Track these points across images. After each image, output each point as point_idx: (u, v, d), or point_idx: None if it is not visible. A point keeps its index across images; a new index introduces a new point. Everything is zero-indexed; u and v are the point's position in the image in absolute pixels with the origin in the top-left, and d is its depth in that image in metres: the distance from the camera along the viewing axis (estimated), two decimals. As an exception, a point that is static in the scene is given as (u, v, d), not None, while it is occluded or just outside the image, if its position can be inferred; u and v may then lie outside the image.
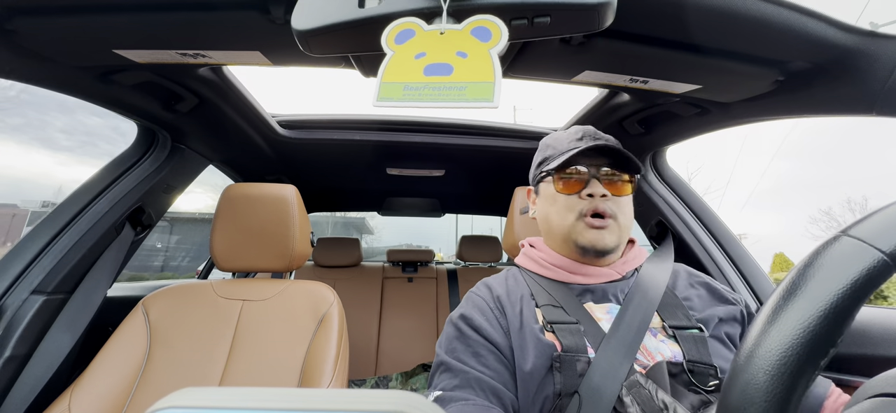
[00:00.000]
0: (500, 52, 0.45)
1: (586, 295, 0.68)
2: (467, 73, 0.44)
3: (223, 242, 1.05)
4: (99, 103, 0.97)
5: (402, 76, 0.45)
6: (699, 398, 0.52)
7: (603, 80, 0.87)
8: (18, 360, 0.86)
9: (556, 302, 0.67)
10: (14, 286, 0.90)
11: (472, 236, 2.49)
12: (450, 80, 0.44)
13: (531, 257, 0.77)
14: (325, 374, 0.87)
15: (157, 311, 0.97)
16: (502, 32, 0.46)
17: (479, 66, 0.45)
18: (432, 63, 0.45)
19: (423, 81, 0.45)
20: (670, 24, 0.66)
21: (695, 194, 1.30)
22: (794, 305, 0.26)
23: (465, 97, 0.43)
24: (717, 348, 0.60)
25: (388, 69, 0.46)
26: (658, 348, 0.59)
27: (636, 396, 0.52)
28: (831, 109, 0.78)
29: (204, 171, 1.38)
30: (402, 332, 2.14)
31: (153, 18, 0.69)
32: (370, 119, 1.44)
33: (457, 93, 0.43)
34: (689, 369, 0.55)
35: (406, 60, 0.46)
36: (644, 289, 0.66)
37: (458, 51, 0.46)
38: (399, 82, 0.45)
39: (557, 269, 0.72)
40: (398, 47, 0.47)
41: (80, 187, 1.05)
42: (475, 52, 0.45)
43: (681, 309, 0.64)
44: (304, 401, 0.18)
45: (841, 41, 0.64)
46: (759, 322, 0.27)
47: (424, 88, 0.44)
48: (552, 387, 0.57)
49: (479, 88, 0.43)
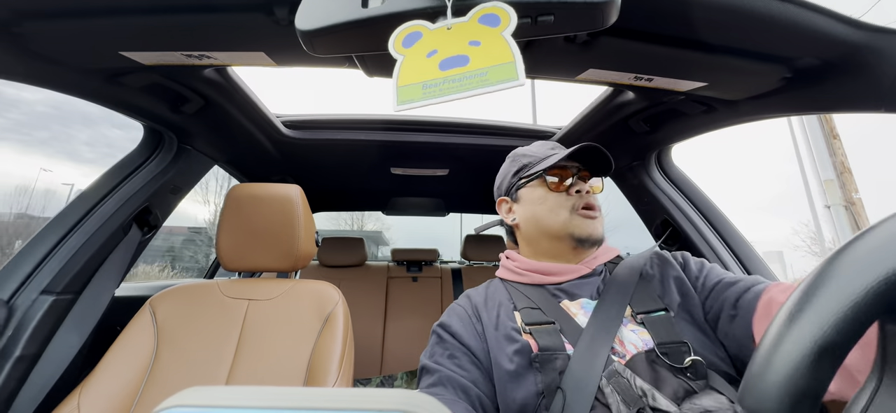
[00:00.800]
0: (513, 32, 0.45)
1: (561, 295, 0.72)
2: (485, 59, 0.44)
3: (229, 242, 1.05)
4: (106, 105, 0.97)
5: (419, 76, 0.45)
6: (682, 385, 0.54)
7: (608, 79, 0.87)
8: (28, 359, 0.87)
9: (534, 304, 0.71)
10: (24, 286, 0.91)
11: (477, 235, 2.49)
12: (469, 70, 0.44)
13: (508, 267, 0.82)
14: (330, 373, 0.87)
15: (164, 311, 0.97)
16: (511, 15, 0.45)
17: (495, 50, 0.44)
18: (446, 57, 0.45)
19: (441, 76, 0.44)
20: (675, 21, 0.65)
21: (701, 192, 1.28)
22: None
23: (489, 82, 0.43)
24: (685, 328, 0.63)
25: (402, 73, 0.45)
26: (630, 339, 0.62)
27: (616, 385, 0.55)
28: (839, 106, 0.77)
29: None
30: (407, 331, 2.14)
31: (159, 20, 0.70)
32: (374, 119, 1.44)
33: (479, 80, 0.43)
34: (662, 353, 0.58)
35: (419, 61, 0.46)
36: (619, 282, 0.71)
37: (470, 41, 0.45)
38: (417, 83, 0.44)
39: (531, 273, 0.77)
40: (407, 50, 0.47)
41: (87, 188, 1.06)
42: (488, 38, 0.45)
43: (647, 294, 0.68)
44: (309, 400, 0.18)
45: (849, 37, 0.64)
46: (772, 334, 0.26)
47: (444, 83, 0.44)
48: (534, 386, 0.59)
49: (501, 71, 0.43)
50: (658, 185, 1.32)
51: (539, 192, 0.79)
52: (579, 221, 0.74)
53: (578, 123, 1.30)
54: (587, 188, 0.77)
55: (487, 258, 2.46)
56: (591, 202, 0.76)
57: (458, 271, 2.42)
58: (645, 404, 0.52)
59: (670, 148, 1.29)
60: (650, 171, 1.34)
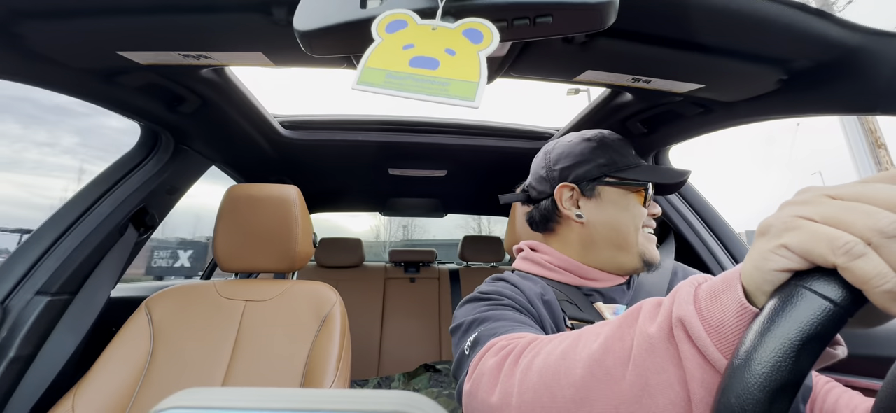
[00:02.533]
0: (489, 54, 0.45)
1: (595, 295, 0.69)
2: (453, 71, 0.44)
3: (226, 243, 1.05)
4: (103, 105, 0.97)
5: (387, 64, 0.45)
6: None
7: (605, 80, 0.87)
8: (23, 360, 0.87)
9: (570, 298, 0.66)
10: (18, 287, 0.90)
11: (475, 236, 2.49)
12: (434, 75, 0.44)
13: (534, 261, 0.75)
14: (327, 374, 0.87)
15: (161, 312, 0.97)
16: (494, 36, 0.46)
17: (465, 65, 0.44)
18: (419, 55, 0.45)
19: (406, 71, 0.44)
20: (673, 23, 0.65)
21: (698, 194, 1.29)
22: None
23: (448, 93, 0.43)
24: None
25: (374, 55, 0.45)
26: None
27: None
28: (835, 108, 0.78)
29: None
30: (404, 332, 2.14)
31: (156, 20, 0.69)
32: (372, 119, 1.44)
33: (439, 87, 0.43)
34: None
35: (393, 49, 0.46)
36: (647, 289, 0.70)
37: (446, 48, 0.45)
38: (382, 69, 0.44)
39: (566, 272, 0.71)
40: (388, 36, 0.47)
41: (83, 188, 1.06)
42: (464, 51, 0.45)
43: None
44: (306, 401, 0.18)
45: (845, 40, 0.64)
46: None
47: (407, 79, 0.44)
48: None
49: (462, 87, 0.43)
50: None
51: (629, 197, 0.69)
52: (646, 242, 0.69)
53: (576, 125, 1.31)
54: (656, 210, 0.71)
55: (485, 259, 2.46)
56: (652, 224, 0.71)
57: (456, 273, 2.42)
58: None
59: (668, 150, 1.29)
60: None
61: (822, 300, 0.23)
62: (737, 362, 0.24)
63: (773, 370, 0.22)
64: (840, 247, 0.22)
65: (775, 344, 0.23)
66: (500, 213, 2.56)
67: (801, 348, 0.22)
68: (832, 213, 0.24)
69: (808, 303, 0.23)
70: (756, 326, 0.24)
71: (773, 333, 0.23)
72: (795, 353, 0.22)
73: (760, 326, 0.24)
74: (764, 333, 0.24)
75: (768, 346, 0.23)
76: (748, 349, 0.24)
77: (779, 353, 0.23)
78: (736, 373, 0.24)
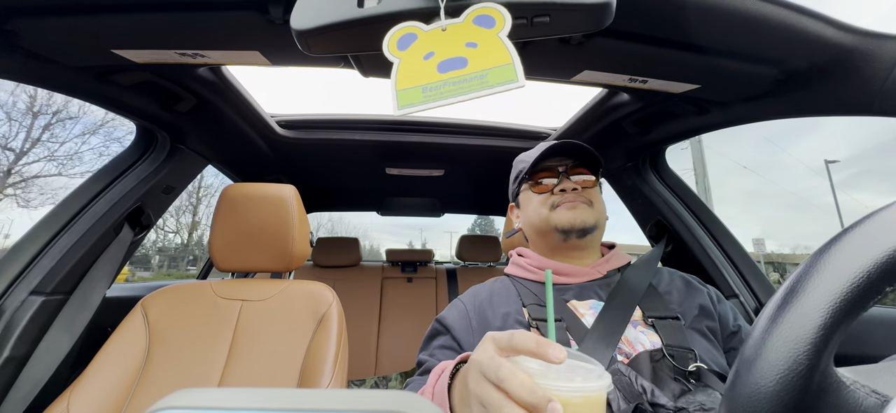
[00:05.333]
0: (508, 33, 0.45)
1: (569, 293, 0.73)
2: (484, 61, 0.44)
3: (222, 243, 1.04)
4: (98, 103, 0.96)
5: (417, 79, 0.44)
6: (680, 386, 0.56)
7: (602, 80, 0.87)
8: (17, 360, 0.86)
9: (541, 301, 0.72)
10: (13, 287, 0.89)
11: (472, 236, 2.49)
12: (468, 72, 0.44)
13: (519, 264, 0.84)
14: (324, 374, 0.87)
15: (156, 312, 0.96)
16: (505, 15, 0.45)
17: (493, 52, 0.44)
18: (444, 59, 0.45)
19: (440, 79, 0.44)
20: (669, 23, 0.66)
21: (694, 194, 1.30)
22: (797, 304, 0.25)
23: (489, 84, 0.43)
24: (696, 338, 0.64)
25: (400, 76, 0.45)
26: (639, 338, 0.63)
27: (617, 383, 0.56)
28: (829, 109, 0.78)
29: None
30: (401, 332, 2.14)
31: (152, 18, 0.69)
32: (369, 119, 1.44)
33: (479, 82, 0.43)
34: (669, 354, 0.59)
35: (416, 63, 0.45)
36: (629, 286, 0.71)
37: (467, 42, 0.45)
38: (416, 86, 0.44)
39: (541, 270, 0.77)
40: (403, 53, 0.46)
41: (78, 187, 1.05)
42: (485, 40, 0.45)
43: (661, 302, 0.70)
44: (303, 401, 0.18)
45: (839, 40, 0.65)
46: (763, 321, 0.27)
47: (444, 86, 0.44)
48: None
49: (499, 72, 0.43)
50: (652, 187, 1.33)
51: (529, 193, 0.83)
52: (560, 212, 0.76)
53: (573, 125, 1.31)
54: (572, 185, 0.77)
55: (482, 259, 2.46)
56: (571, 196, 0.77)
57: (453, 272, 2.42)
58: (644, 400, 0.53)
59: (664, 149, 1.30)
60: (644, 173, 1.35)
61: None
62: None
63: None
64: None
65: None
66: (498, 212, 2.56)
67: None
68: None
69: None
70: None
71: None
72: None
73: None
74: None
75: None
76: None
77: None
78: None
